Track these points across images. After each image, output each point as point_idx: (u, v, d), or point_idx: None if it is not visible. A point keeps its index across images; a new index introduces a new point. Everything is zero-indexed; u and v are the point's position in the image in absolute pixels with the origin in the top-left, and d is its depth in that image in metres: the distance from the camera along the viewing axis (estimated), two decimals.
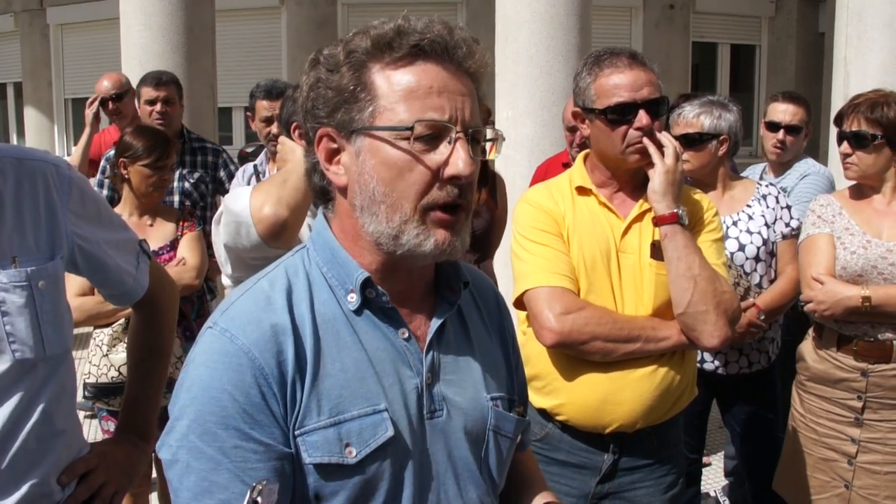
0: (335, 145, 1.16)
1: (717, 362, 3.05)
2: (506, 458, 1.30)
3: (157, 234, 3.30)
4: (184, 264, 3.25)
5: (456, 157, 1.11)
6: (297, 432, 1.10)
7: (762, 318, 2.90)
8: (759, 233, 2.96)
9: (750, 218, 2.98)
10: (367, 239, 1.16)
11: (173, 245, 3.30)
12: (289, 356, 1.10)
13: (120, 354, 3.05)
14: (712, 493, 4.12)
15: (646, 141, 2.03)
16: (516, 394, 1.38)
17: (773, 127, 3.81)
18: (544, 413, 2.16)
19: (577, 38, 4.74)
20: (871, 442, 2.61)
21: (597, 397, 2.05)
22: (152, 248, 3.19)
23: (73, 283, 2.80)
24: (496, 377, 1.30)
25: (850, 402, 2.64)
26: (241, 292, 1.17)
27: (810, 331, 2.83)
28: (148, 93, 4.26)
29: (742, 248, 2.95)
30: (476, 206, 3.54)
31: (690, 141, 2.94)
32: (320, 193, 1.23)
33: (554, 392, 2.11)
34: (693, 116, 2.96)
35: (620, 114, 2.02)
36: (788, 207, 3.04)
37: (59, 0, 10.57)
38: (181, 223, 3.37)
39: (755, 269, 2.96)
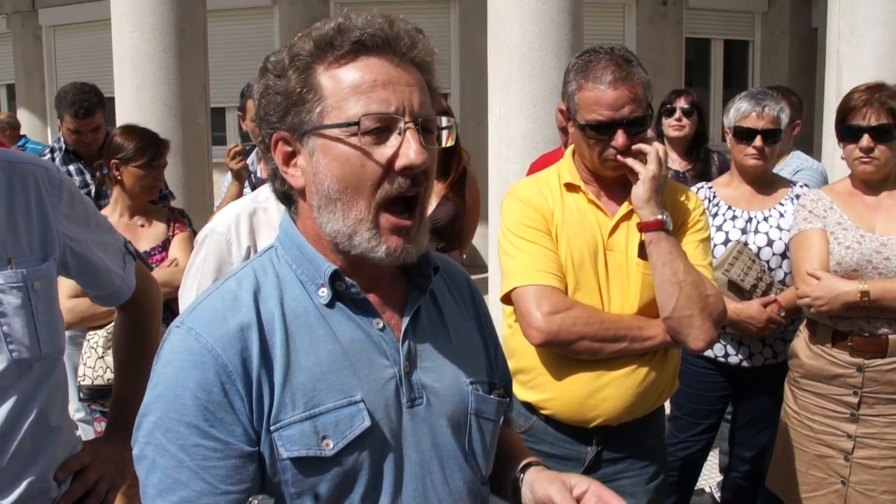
0: (290, 148, 1.18)
1: (740, 356, 3.05)
2: (490, 442, 1.31)
3: (149, 235, 3.30)
4: (176, 265, 3.24)
5: (407, 148, 1.12)
6: (272, 427, 1.10)
7: (783, 314, 2.92)
8: (790, 230, 2.97)
9: (781, 216, 3.00)
10: (326, 240, 1.18)
11: (165, 245, 3.30)
12: (254, 353, 1.11)
13: None
14: (707, 490, 4.12)
15: (621, 159, 2.03)
16: (497, 376, 1.39)
17: None
18: (529, 406, 2.18)
19: (570, 35, 4.73)
20: (867, 437, 2.61)
21: (582, 393, 2.07)
22: (144, 249, 3.21)
23: (66, 286, 2.79)
24: (475, 361, 1.32)
25: (845, 397, 2.63)
26: (210, 292, 1.19)
27: (802, 327, 2.82)
28: (70, 122, 4.11)
29: (770, 243, 2.97)
30: (439, 199, 3.55)
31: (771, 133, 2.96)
32: (283, 198, 1.25)
33: (539, 386, 2.13)
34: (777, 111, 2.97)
35: (598, 131, 2.02)
36: None
37: (51, 1, 10.54)
38: (172, 224, 3.37)
39: (780, 266, 2.99)
